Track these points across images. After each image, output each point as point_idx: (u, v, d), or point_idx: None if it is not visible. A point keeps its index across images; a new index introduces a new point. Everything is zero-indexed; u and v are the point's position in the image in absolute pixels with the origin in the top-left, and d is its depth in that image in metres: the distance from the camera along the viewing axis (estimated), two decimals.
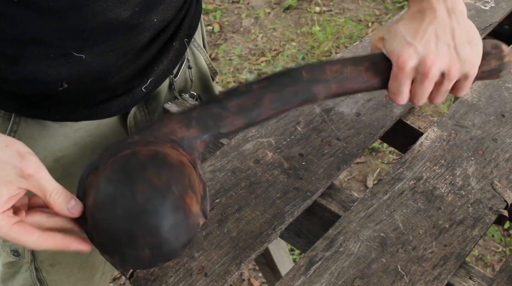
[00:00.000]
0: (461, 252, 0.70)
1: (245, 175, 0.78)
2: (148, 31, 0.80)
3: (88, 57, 0.75)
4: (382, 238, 0.71)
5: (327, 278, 0.67)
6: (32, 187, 0.59)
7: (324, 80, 0.68)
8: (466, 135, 0.84)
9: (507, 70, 0.73)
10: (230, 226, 0.72)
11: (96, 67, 0.77)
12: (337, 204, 0.77)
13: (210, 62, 1.03)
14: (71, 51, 0.74)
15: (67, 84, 0.76)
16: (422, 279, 0.67)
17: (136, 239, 0.59)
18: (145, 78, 0.84)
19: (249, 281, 1.80)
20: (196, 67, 1.00)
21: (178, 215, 0.60)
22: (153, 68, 0.85)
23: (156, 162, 0.62)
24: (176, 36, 0.87)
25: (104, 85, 0.80)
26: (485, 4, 1.06)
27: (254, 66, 2.51)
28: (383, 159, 2.12)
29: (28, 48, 0.72)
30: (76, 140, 0.86)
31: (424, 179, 0.78)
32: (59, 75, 0.75)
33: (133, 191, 0.59)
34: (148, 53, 0.83)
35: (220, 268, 0.68)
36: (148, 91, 0.86)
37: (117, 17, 0.74)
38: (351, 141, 0.82)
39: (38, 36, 0.71)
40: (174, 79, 0.92)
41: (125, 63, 0.80)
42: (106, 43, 0.76)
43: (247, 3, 2.87)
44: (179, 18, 0.86)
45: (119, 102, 0.84)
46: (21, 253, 0.91)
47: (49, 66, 0.74)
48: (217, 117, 0.66)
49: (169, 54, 0.86)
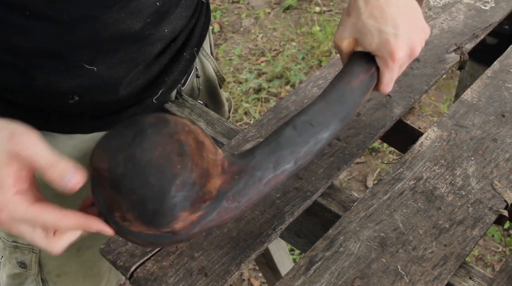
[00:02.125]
0: (461, 252, 0.70)
1: None
2: (159, 42, 0.79)
3: (100, 69, 0.74)
4: (382, 238, 0.71)
5: (327, 278, 0.67)
6: (27, 165, 0.55)
7: (334, 131, 0.68)
8: (466, 135, 0.84)
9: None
10: (230, 226, 0.72)
11: (107, 79, 0.76)
12: (337, 204, 0.77)
13: (218, 70, 1.02)
14: (83, 63, 0.73)
15: (78, 97, 0.75)
16: (422, 279, 0.67)
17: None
18: (156, 89, 0.84)
19: (249, 281, 1.80)
20: (204, 75, 0.99)
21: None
22: (163, 79, 0.84)
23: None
24: (187, 46, 0.86)
25: (115, 97, 0.79)
26: (485, 4, 1.06)
27: (254, 66, 2.51)
28: (383, 159, 2.12)
29: (39, 60, 0.71)
30: (86, 151, 0.85)
31: (424, 179, 0.78)
32: (70, 87, 0.74)
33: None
34: (159, 64, 0.82)
35: (220, 268, 0.68)
36: (159, 102, 0.85)
37: (129, 29, 0.73)
38: (351, 141, 0.82)
39: (49, 48, 0.70)
40: (182, 88, 0.92)
41: (136, 74, 0.80)
42: (118, 55, 0.75)
43: (247, 3, 2.87)
44: (189, 28, 0.86)
45: (129, 114, 0.83)
46: (28, 264, 0.90)
47: (60, 78, 0.73)
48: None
49: (180, 64, 0.85)
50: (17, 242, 0.87)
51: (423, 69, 0.94)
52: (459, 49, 0.97)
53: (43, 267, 0.90)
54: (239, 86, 2.40)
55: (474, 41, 0.99)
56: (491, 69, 0.95)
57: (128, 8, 0.72)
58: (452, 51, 0.97)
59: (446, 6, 1.06)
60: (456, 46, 0.97)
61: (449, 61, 0.95)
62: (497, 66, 0.95)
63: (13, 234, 0.85)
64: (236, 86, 2.41)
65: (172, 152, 0.55)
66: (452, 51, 0.97)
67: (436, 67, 0.94)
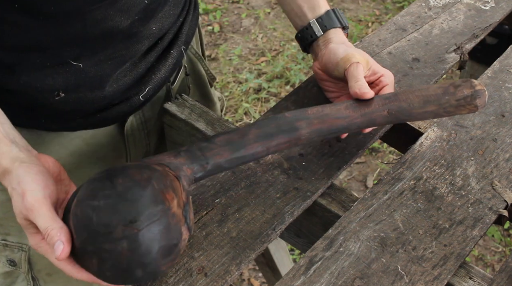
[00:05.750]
0: (461, 252, 0.70)
1: (245, 175, 0.78)
2: (147, 39, 0.80)
3: (86, 65, 0.75)
4: (382, 238, 0.71)
5: (327, 278, 0.67)
6: (35, 224, 0.62)
7: (306, 117, 0.72)
8: (466, 135, 0.84)
9: (482, 99, 0.74)
10: (230, 226, 0.72)
11: (93, 76, 0.76)
12: (337, 204, 0.77)
13: (208, 68, 1.03)
14: (69, 59, 0.73)
15: (64, 93, 0.75)
16: (422, 279, 0.67)
17: (114, 228, 0.57)
18: (142, 87, 0.84)
19: (249, 281, 1.80)
20: (194, 74, 0.99)
21: (157, 207, 0.59)
22: (151, 76, 0.84)
23: (138, 166, 0.63)
24: (174, 44, 0.86)
25: (102, 94, 0.79)
26: (485, 4, 1.06)
27: (254, 66, 2.51)
28: (383, 159, 2.12)
29: (25, 56, 0.71)
30: (73, 149, 0.85)
31: (424, 179, 0.78)
32: (56, 84, 0.74)
33: (114, 183, 0.60)
34: (146, 62, 0.82)
35: (220, 268, 0.68)
36: (146, 100, 0.85)
37: (118, 26, 0.74)
38: (351, 141, 0.82)
39: (37, 44, 0.71)
40: (172, 86, 0.92)
41: (123, 72, 0.80)
42: (105, 52, 0.76)
43: (247, 3, 2.87)
44: (177, 26, 0.86)
45: (117, 111, 0.83)
46: (18, 262, 0.90)
47: (46, 74, 0.73)
48: (204, 149, 0.68)
49: (167, 62, 0.86)
50: (7, 240, 0.87)
51: (423, 69, 0.94)
52: (459, 49, 0.97)
53: (33, 265, 0.90)
54: (239, 86, 2.40)
55: (474, 41, 0.99)
56: (491, 69, 0.95)
57: (117, 5, 0.72)
58: (452, 51, 0.97)
59: (446, 6, 1.06)
60: (456, 46, 0.97)
61: (449, 61, 0.95)
62: (497, 66, 0.95)
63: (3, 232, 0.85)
64: (236, 86, 2.41)
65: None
66: (452, 51, 0.97)
67: (436, 67, 0.94)
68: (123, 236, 0.57)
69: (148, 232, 0.58)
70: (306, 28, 0.86)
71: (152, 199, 0.59)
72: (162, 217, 0.59)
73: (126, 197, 0.58)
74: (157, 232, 0.59)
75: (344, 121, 0.73)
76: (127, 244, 0.57)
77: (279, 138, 0.71)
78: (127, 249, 0.58)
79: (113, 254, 0.58)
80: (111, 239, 0.57)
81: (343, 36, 0.85)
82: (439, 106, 0.74)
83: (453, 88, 0.74)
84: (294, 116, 0.72)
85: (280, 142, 0.71)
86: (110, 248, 0.58)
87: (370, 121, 0.74)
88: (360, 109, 0.73)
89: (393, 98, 0.74)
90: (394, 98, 0.74)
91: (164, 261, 0.60)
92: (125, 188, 0.59)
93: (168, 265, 0.62)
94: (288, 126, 0.71)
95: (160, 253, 0.59)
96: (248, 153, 0.70)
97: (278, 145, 0.71)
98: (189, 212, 0.63)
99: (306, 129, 0.72)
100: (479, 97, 0.73)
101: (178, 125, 0.90)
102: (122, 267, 0.59)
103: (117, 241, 0.57)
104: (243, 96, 2.36)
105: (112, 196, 0.59)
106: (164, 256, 0.60)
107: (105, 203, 0.58)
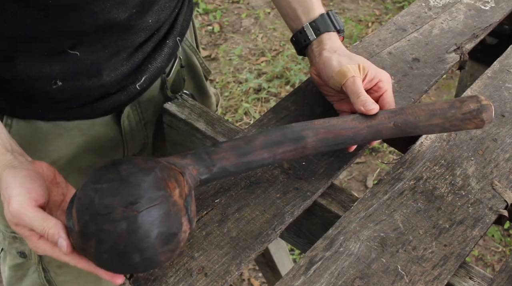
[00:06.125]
0: (461, 252, 0.70)
1: (245, 175, 0.78)
2: (143, 31, 0.81)
3: (83, 54, 0.75)
4: (382, 238, 0.71)
5: (327, 278, 0.67)
6: (28, 228, 0.63)
7: (312, 127, 0.74)
8: (466, 135, 0.84)
9: (488, 114, 0.74)
10: (230, 226, 0.72)
11: (90, 64, 0.77)
12: (337, 204, 0.77)
13: (203, 61, 1.04)
14: (66, 48, 0.74)
15: (61, 82, 0.76)
16: (422, 279, 0.67)
17: (114, 209, 0.58)
18: (139, 76, 0.85)
19: (249, 281, 1.80)
20: (189, 66, 1.00)
21: (158, 192, 0.60)
22: (147, 66, 0.85)
23: (144, 158, 0.66)
24: (170, 35, 0.88)
25: (99, 82, 0.80)
26: (485, 4, 1.06)
27: (254, 66, 2.51)
28: (383, 159, 2.12)
29: (23, 45, 0.72)
30: (70, 140, 0.86)
31: (424, 179, 0.78)
32: (53, 72, 0.75)
33: (118, 169, 0.61)
34: (142, 52, 0.83)
35: (220, 268, 0.68)
36: (142, 89, 0.86)
37: (115, 18, 0.74)
38: None
39: (34, 34, 0.71)
40: (167, 78, 0.93)
41: (120, 61, 0.81)
42: (101, 42, 0.76)
43: (247, 3, 2.87)
44: (172, 18, 0.87)
45: (113, 100, 0.84)
46: (28, 254, 0.91)
47: (43, 63, 0.74)
48: (211, 152, 0.70)
49: (163, 52, 0.87)
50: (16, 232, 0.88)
51: (423, 69, 0.94)
52: (459, 49, 0.97)
53: (43, 256, 0.91)
54: (239, 86, 2.40)
55: (474, 41, 0.99)
56: (491, 69, 0.95)
57: None
58: (452, 51, 0.97)
59: (446, 6, 1.06)
60: (456, 46, 0.97)
61: (449, 61, 0.95)
62: (497, 66, 0.95)
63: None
64: (236, 86, 2.41)
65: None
66: (452, 51, 0.97)
67: (436, 67, 0.94)
68: (122, 217, 0.58)
69: (148, 215, 0.59)
70: (300, 32, 0.85)
71: (154, 184, 0.61)
72: (163, 202, 0.60)
73: (129, 181, 0.60)
74: (156, 217, 0.59)
75: (350, 132, 0.74)
76: (126, 225, 0.58)
77: (285, 146, 0.72)
78: (125, 230, 0.58)
79: (111, 235, 0.59)
80: (110, 220, 0.58)
81: (337, 40, 0.84)
82: (445, 120, 0.74)
83: (459, 103, 0.75)
84: (301, 126, 0.74)
85: (286, 150, 0.72)
86: (109, 228, 0.58)
87: (377, 133, 0.75)
88: (366, 121, 0.75)
89: (399, 112, 0.75)
90: (401, 112, 0.75)
91: (163, 249, 0.61)
92: (128, 173, 0.61)
93: (167, 256, 0.62)
94: (295, 135, 0.73)
95: (159, 239, 0.60)
96: (255, 158, 0.71)
97: (284, 152, 0.72)
98: (191, 204, 0.64)
99: (312, 138, 0.73)
100: (485, 112, 0.74)
101: (178, 125, 0.90)
102: (119, 249, 0.59)
103: (117, 222, 0.58)
104: (243, 96, 2.36)
105: (116, 180, 0.60)
106: (162, 243, 0.61)
107: (108, 186, 0.60)
